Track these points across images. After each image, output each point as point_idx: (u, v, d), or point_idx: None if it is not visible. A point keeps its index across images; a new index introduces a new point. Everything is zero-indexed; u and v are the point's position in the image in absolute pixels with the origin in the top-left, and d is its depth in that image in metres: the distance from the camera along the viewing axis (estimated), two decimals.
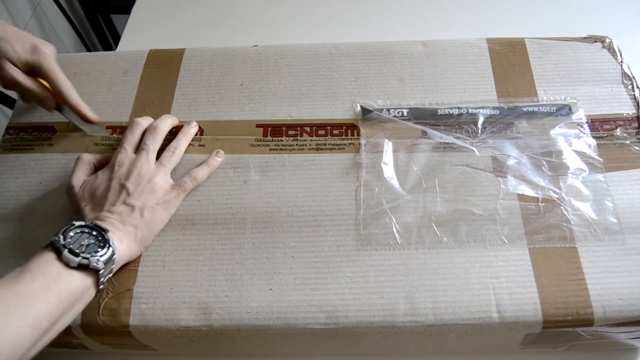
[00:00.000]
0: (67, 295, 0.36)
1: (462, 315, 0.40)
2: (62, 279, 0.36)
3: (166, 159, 0.47)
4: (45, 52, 0.49)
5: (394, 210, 0.45)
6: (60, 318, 0.35)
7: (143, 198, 0.43)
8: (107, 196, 0.43)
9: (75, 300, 0.36)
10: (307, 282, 0.42)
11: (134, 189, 0.44)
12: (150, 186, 0.44)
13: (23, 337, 0.33)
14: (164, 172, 0.46)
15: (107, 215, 0.42)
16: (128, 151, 0.46)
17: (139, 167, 0.45)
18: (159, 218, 0.44)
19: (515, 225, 0.44)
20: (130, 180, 0.44)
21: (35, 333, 0.33)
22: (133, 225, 0.42)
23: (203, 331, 0.41)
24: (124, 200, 0.43)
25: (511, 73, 0.52)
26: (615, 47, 0.53)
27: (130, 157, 0.46)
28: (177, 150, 0.48)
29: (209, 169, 0.48)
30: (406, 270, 0.42)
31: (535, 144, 0.48)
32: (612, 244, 0.43)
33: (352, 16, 0.77)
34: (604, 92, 0.51)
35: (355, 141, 0.49)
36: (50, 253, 0.37)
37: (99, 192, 0.44)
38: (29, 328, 0.33)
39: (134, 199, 0.43)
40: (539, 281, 0.41)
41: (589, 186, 0.46)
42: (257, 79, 0.54)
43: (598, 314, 0.40)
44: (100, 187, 0.44)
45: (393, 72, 0.53)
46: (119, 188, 0.44)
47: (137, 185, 0.44)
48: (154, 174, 0.45)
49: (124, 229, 0.42)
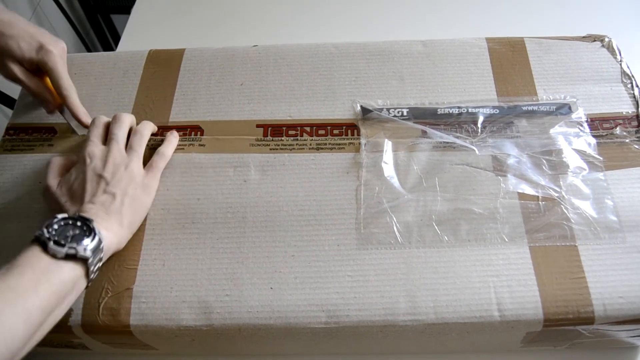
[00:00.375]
0: (58, 288, 0.36)
1: (463, 314, 0.40)
2: (51, 272, 0.36)
3: (136, 144, 0.47)
4: (51, 51, 0.49)
5: (395, 209, 0.45)
6: (52, 311, 0.35)
7: (122, 185, 0.44)
8: (85, 188, 0.43)
9: (67, 292, 0.36)
10: (307, 281, 0.42)
11: (112, 177, 0.44)
12: (127, 173, 0.44)
13: (16, 331, 0.32)
14: (137, 157, 0.46)
15: (90, 207, 0.42)
16: (96, 143, 0.46)
17: (113, 156, 0.45)
18: (142, 202, 0.45)
19: (516, 224, 0.44)
20: (107, 169, 0.44)
21: (28, 327, 0.33)
22: (118, 213, 0.42)
23: (204, 330, 0.41)
24: (104, 190, 0.43)
25: (511, 72, 0.52)
26: (614, 46, 0.54)
27: (100, 148, 0.46)
28: (143, 133, 0.48)
29: (171, 145, 0.49)
30: (407, 269, 0.42)
31: (535, 143, 0.48)
32: (612, 242, 0.43)
33: (351, 16, 0.77)
34: (604, 91, 0.51)
35: (355, 141, 0.49)
36: (36, 247, 0.36)
37: (76, 185, 0.44)
38: (22, 323, 0.33)
39: (114, 186, 0.43)
40: (540, 279, 0.41)
41: (589, 185, 0.46)
42: (257, 79, 0.54)
43: (599, 312, 0.40)
44: (77, 181, 0.44)
45: (393, 71, 0.53)
46: (96, 179, 0.44)
47: (114, 174, 0.44)
48: (129, 161, 0.45)
49: (109, 217, 0.42)
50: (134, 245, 0.44)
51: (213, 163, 0.48)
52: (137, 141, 0.47)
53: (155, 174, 0.47)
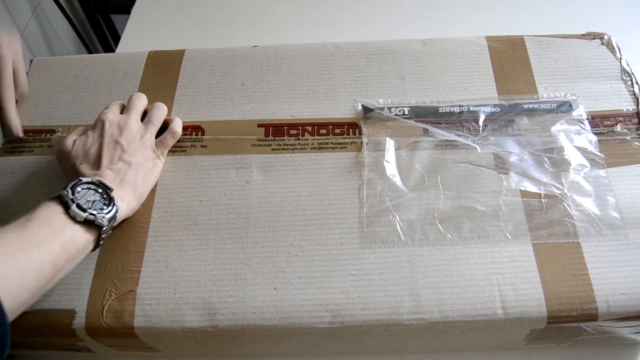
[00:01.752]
0: (70, 247, 0.37)
1: (467, 312, 0.40)
2: (67, 231, 0.37)
3: (154, 116, 0.48)
4: (2, 55, 0.47)
5: (397, 207, 0.45)
6: (62, 268, 0.37)
7: (138, 155, 0.44)
8: (102, 153, 0.44)
9: (77, 253, 0.38)
10: (311, 281, 0.42)
11: (128, 146, 0.44)
12: (142, 143, 0.45)
13: (29, 280, 0.34)
14: (153, 129, 0.47)
15: (108, 173, 0.43)
16: (115, 110, 0.47)
17: (130, 124, 0.46)
18: (153, 174, 0.46)
19: (519, 221, 0.44)
20: (124, 137, 0.44)
21: (39, 278, 0.35)
22: (132, 182, 0.43)
23: (208, 332, 0.41)
24: (120, 157, 0.44)
25: (511, 71, 0.53)
26: (614, 44, 0.54)
27: (118, 116, 0.46)
28: (162, 108, 0.49)
29: (180, 125, 0.49)
30: (410, 268, 0.42)
31: (537, 141, 0.48)
32: (615, 239, 0.43)
33: (351, 16, 0.77)
34: (604, 88, 0.51)
35: (357, 140, 0.49)
36: (57, 205, 0.38)
37: (93, 149, 0.44)
38: (34, 272, 0.34)
39: (130, 155, 0.44)
40: (543, 277, 0.42)
41: (590, 182, 0.46)
42: (257, 79, 0.54)
43: (602, 308, 0.40)
44: (93, 145, 0.45)
45: (394, 70, 0.53)
46: (113, 145, 0.44)
47: (130, 143, 0.45)
48: (145, 131, 0.46)
49: (124, 187, 0.43)
50: (137, 247, 0.44)
51: (215, 165, 0.48)
52: (155, 114, 0.48)
53: (163, 151, 0.47)
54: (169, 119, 0.50)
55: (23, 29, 0.85)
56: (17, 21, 0.84)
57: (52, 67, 0.56)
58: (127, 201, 0.43)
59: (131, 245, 0.44)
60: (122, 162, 0.44)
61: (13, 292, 0.33)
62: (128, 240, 0.45)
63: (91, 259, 0.44)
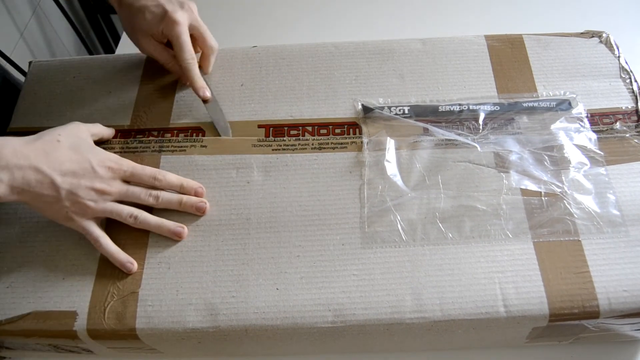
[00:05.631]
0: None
1: (469, 311, 0.41)
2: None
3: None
4: (175, 20, 0.48)
5: (398, 207, 0.45)
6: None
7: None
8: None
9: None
10: (313, 281, 0.42)
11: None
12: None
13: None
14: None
15: None
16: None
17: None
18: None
19: (519, 220, 0.44)
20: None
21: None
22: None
23: (210, 332, 0.41)
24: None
25: (510, 69, 0.53)
26: (612, 42, 0.54)
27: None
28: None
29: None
30: (412, 267, 0.43)
31: (537, 139, 0.48)
32: (615, 236, 0.43)
33: (351, 16, 0.77)
34: (603, 86, 0.51)
35: (357, 139, 0.49)
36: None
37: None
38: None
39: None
40: (545, 275, 0.42)
41: (590, 179, 0.46)
42: (257, 79, 0.54)
43: (603, 306, 0.40)
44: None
45: (393, 70, 0.53)
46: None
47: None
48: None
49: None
50: (138, 249, 0.44)
51: (215, 165, 0.48)
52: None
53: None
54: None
55: (23, 29, 0.85)
56: (17, 21, 0.84)
57: (51, 68, 0.56)
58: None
59: (133, 247, 0.44)
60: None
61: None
62: (130, 242, 0.45)
63: (93, 261, 0.44)
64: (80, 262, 0.44)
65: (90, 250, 0.44)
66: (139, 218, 0.44)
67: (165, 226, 0.44)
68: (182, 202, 0.45)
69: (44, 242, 0.45)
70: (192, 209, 0.45)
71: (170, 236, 0.45)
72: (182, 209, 0.45)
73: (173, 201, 0.45)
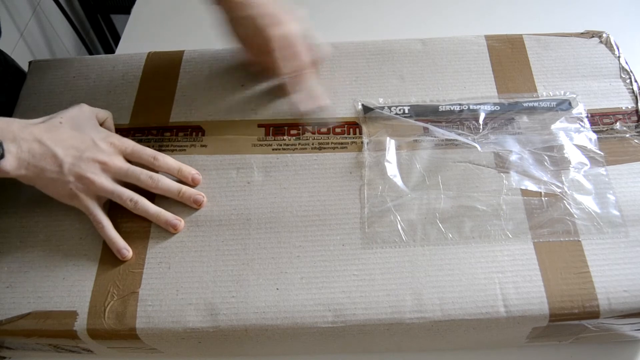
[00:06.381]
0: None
1: (469, 311, 0.41)
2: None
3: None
4: (268, 37, 0.48)
5: (398, 207, 0.45)
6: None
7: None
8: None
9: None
10: (313, 281, 0.42)
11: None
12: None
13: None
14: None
15: None
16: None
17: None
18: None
19: (519, 220, 0.44)
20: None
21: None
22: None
23: (210, 332, 0.41)
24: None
25: (510, 69, 0.53)
26: (612, 42, 0.54)
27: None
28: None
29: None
30: (412, 267, 0.43)
31: (537, 139, 0.48)
32: (615, 237, 0.43)
33: (351, 16, 0.77)
34: (603, 86, 0.51)
35: (357, 139, 0.49)
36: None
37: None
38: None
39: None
40: (545, 275, 0.42)
41: (590, 180, 0.46)
42: (257, 79, 0.53)
43: (603, 306, 0.40)
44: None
45: (393, 70, 0.53)
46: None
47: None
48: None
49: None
50: (139, 248, 0.44)
51: (216, 165, 0.48)
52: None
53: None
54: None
55: (23, 29, 0.85)
56: (17, 21, 0.84)
57: (51, 68, 0.56)
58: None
59: (133, 247, 0.44)
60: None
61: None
62: (129, 241, 0.45)
63: (93, 261, 0.44)
64: (81, 262, 0.44)
65: (90, 251, 0.44)
66: (139, 203, 0.45)
67: (163, 216, 0.45)
68: (180, 192, 0.46)
69: (44, 241, 0.45)
70: (190, 201, 0.46)
71: (165, 227, 0.45)
72: (180, 198, 0.46)
73: (172, 189, 0.46)
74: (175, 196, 0.46)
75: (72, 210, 0.46)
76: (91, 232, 0.45)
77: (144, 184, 0.45)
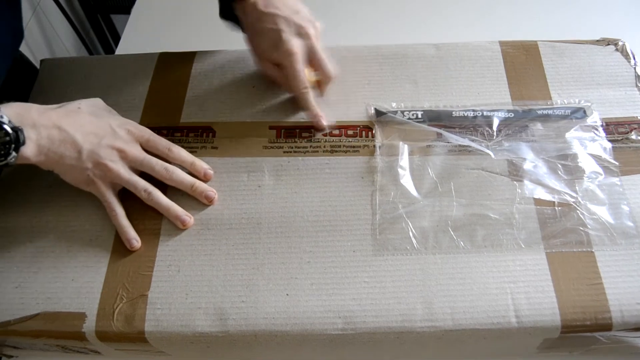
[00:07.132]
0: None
1: (481, 320, 0.40)
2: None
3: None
4: (287, 50, 0.48)
5: (410, 214, 0.45)
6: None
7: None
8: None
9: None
10: (323, 288, 0.42)
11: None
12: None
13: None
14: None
15: None
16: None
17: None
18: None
19: (532, 230, 0.44)
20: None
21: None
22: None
23: (219, 337, 0.41)
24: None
25: (525, 76, 0.52)
26: (628, 50, 0.53)
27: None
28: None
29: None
30: (423, 275, 0.42)
31: (551, 147, 0.48)
32: (629, 248, 0.43)
33: (364, 19, 0.76)
34: (618, 95, 0.51)
35: (369, 143, 0.49)
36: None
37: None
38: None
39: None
40: (557, 286, 0.41)
41: (604, 190, 0.45)
42: (269, 81, 0.53)
43: (616, 318, 0.40)
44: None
45: (406, 75, 0.53)
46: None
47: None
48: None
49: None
50: (148, 251, 0.44)
51: (227, 168, 0.48)
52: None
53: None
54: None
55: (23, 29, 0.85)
56: None
57: (62, 67, 0.56)
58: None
59: (143, 250, 0.44)
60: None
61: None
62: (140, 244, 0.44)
63: (103, 263, 0.44)
64: (90, 264, 0.44)
65: (100, 252, 0.44)
66: (152, 194, 0.45)
67: (174, 210, 0.45)
68: (193, 186, 0.46)
69: (54, 242, 0.45)
70: (202, 196, 0.46)
71: (174, 221, 0.45)
72: (192, 192, 0.46)
73: (186, 182, 0.46)
74: (187, 189, 0.46)
75: (82, 212, 0.46)
76: (101, 233, 0.45)
77: (158, 174, 0.45)
